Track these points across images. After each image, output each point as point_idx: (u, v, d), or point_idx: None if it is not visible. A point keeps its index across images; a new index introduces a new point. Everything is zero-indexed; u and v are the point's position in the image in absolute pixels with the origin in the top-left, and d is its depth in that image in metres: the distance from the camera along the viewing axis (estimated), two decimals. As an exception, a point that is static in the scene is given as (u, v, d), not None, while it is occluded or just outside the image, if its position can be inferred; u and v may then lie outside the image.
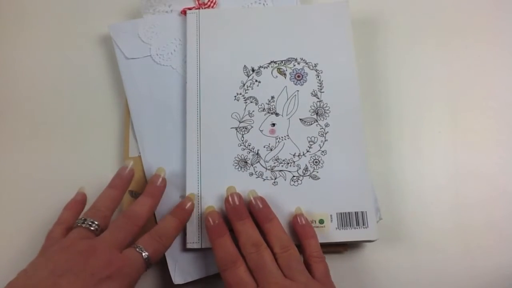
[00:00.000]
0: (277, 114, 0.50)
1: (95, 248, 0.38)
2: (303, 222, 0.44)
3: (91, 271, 0.36)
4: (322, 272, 0.41)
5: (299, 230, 0.44)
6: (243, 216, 0.43)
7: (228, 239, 0.42)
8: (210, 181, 0.48)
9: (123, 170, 0.46)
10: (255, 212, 0.44)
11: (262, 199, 0.45)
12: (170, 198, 0.48)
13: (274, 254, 0.41)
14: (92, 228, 0.41)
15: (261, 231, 0.43)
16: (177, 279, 0.46)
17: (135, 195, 0.49)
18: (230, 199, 0.44)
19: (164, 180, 0.46)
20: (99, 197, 0.44)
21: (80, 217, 0.42)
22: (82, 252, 0.37)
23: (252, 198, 0.44)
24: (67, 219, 0.43)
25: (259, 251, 0.41)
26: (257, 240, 0.42)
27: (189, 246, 0.46)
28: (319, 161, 0.48)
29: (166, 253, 0.46)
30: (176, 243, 0.47)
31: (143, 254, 0.40)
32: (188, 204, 0.45)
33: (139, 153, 0.51)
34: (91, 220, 0.41)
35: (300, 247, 0.43)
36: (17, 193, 0.52)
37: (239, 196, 0.45)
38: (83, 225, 0.41)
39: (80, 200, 0.45)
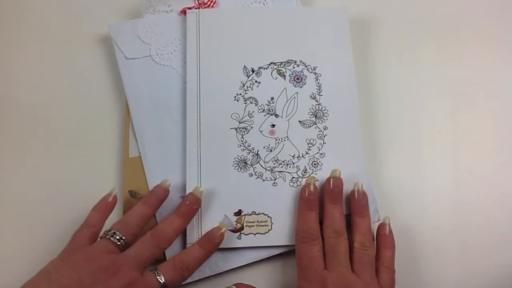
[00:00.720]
0: (276, 115, 0.50)
1: (119, 267, 0.38)
2: (387, 232, 0.45)
3: None
4: (388, 283, 0.42)
5: (381, 238, 0.45)
6: (337, 201, 0.44)
7: (315, 215, 0.44)
8: (210, 182, 0.48)
9: (159, 189, 0.45)
10: (353, 203, 0.45)
11: (364, 194, 0.45)
12: (170, 199, 0.48)
13: (352, 248, 0.43)
14: (118, 243, 0.41)
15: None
16: (177, 279, 0.46)
17: (135, 195, 0.49)
18: (332, 181, 0.45)
19: (199, 201, 0.45)
20: (131, 211, 0.44)
21: (110, 229, 0.42)
22: (106, 269, 0.38)
23: (356, 189, 0.45)
24: (95, 223, 0.43)
25: (339, 239, 0.42)
26: (341, 228, 0.43)
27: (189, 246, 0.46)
28: (318, 163, 0.48)
29: (166, 253, 0.47)
30: (176, 243, 0.47)
31: (161, 281, 0.40)
32: (218, 235, 0.44)
33: (139, 153, 0.51)
34: (120, 235, 0.41)
35: (377, 255, 0.44)
36: (17, 190, 0.53)
37: (341, 182, 0.45)
38: (111, 239, 0.41)
39: (111, 203, 0.45)
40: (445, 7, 0.58)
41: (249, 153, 0.49)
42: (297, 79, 0.51)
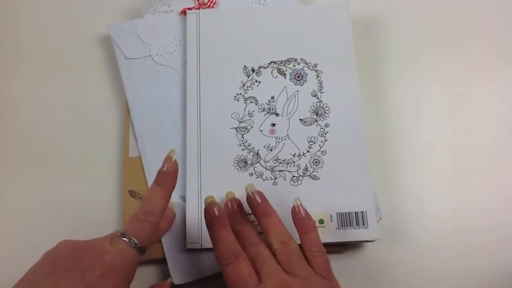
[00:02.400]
0: (277, 114, 0.50)
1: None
2: (303, 214, 0.42)
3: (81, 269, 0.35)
4: (323, 266, 0.40)
5: (298, 223, 0.42)
6: (241, 220, 0.43)
7: (229, 232, 0.40)
8: (210, 181, 0.48)
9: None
10: (253, 207, 0.42)
11: (260, 194, 0.43)
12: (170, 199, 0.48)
13: (273, 251, 0.40)
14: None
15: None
16: (177, 279, 0.46)
17: (135, 195, 0.49)
18: (229, 205, 0.43)
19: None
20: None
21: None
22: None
23: (250, 192, 0.42)
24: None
25: (259, 249, 0.40)
26: (257, 241, 0.41)
27: (189, 246, 0.46)
28: (319, 161, 0.48)
29: (166, 253, 0.46)
30: (176, 243, 0.47)
31: (133, 242, 0.37)
32: (168, 166, 0.40)
33: (139, 153, 0.51)
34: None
35: (301, 241, 0.41)
36: (17, 189, 0.52)
37: (237, 200, 0.44)
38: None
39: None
40: (445, 7, 0.58)
41: (249, 152, 0.49)
42: (298, 77, 0.51)
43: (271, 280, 0.38)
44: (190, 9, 0.54)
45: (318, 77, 0.51)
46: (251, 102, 0.50)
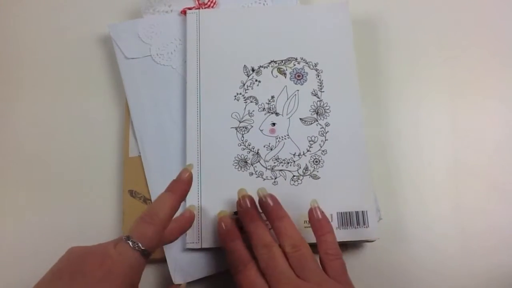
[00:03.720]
0: (277, 114, 0.50)
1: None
2: (319, 216, 0.42)
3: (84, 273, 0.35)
4: (338, 270, 0.39)
5: (314, 225, 0.41)
6: (254, 218, 0.42)
7: (239, 242, 0.42)
8: (210, 181, 0.48)
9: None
10: (266, 210, 0.42)
11: (272, 197, 0.42)
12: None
13: (285, 254, 0.39)
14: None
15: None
16: (177, 279, 0.46)
17: (135, 195, 0.49)
18: (241, 202, 0.43)
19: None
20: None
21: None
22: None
23: (262, 196, 0.42)
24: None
25: (271, 251, 0.39)
26: (269, 241, 0.40)
27: (188, 246, 0.46)
28: (319, 161, 0.48)
29: (166, 253, 0.46)
30: (176, 243, 0.47)
31: (136, 245, 0.36)
32: (186, 175, 0.42)
33: (139, 153, 0.51)
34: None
35: (316, 243, 0.41)
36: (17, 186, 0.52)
37: (251, 198, 0.43)
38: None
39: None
40: (445, 7, 0.59)
41: (249, 152, 0.49)
42: (298, 76, 0.51)
43: (281, 285, 0.37)
44: (190, 9, 0.54)
45: (318, 77, 0.51)
46: (251, 102, 0.50)
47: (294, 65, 0.51)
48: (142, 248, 0.37)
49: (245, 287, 0.39)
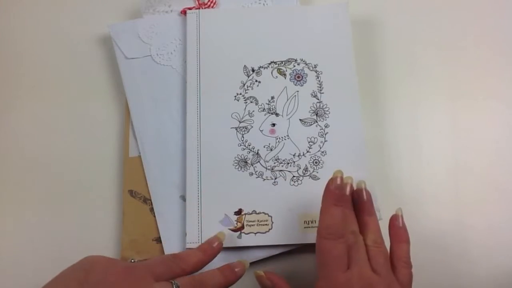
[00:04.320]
0: (277, 114, 0.50)
1: (134, 271, 0.37)
2: (401, 224, 0.42)
3: None
4: (406, 279, 0.40)
5: (394, 231, 0.42)
6: (348, 205, 0.41)
7: (342, 211, 0.40)
8: (210, 181, 0.48)
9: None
10: (361, 202, 0.42)
11: (369, 193, 0.42)
12: (170, 198, 0.48)
13: (366, 246, 0.40)
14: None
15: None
16: (177, 279, 0.46)
17: (135, 195, 0.49)
18: (342, 184, 0.41)
19: (220, 240, 0.44)
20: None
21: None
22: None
23: (362, 188, 0.42)
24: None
25: (357, 238, 0.40)
26: (357, 229, 0.41)
27: (189, 246, 0.46)
28: (319, 162, 0.48)
29: (166, 253, 0.46)
30: (177, 243, 0.47)
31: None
32: (239, 268, 0.42)
33: (139, 153, 0.51)
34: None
35: (390, 249, 0.41)
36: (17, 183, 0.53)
37: (351, 185, 0.42)
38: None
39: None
40: (445, 7, 0.58)
41: (249, 152, 0.49)
42: (298, 77, 0.51)
43: (357, 270, 0.38)
44: (190, 9, 0.54)
45: (318, 78, 0.51)
46: (251, 102, 0.50)
47: (294, 66, 0.51)
48: None
49: (329, 256, 0.38)
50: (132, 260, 0.45)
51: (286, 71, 0.51)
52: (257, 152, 0.49)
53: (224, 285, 0.41)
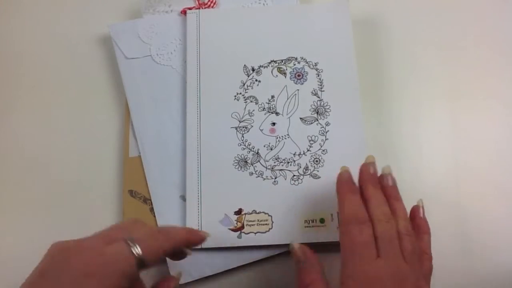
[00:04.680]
0: (277, 114, 0.50)
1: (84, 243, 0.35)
2: (421, 215, 0.42)
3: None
4: (429, 272, 0.39)
5: (417, 221, 0.41)
6: (377, 186, 0.40)
7: (360, 199, 0.39)
8: (210, 181, 0.48)
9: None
10: (387, 187, 0.41)
11: (394, 179, 0.41)
12: (170, 198, 0.48)
13: (398, 233, 0.37)
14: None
15: None
16: (177, 279, 0.46)
17: (135, 195, 0.49)
18: (370, 166, 0.41)
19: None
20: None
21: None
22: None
23: (387, 173, 0.41)
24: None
25: (390, 221, 0.37)
26: (388, 212, 0.38)
27: (189, 245, 0.46)
28: (320, 160, 0.48)
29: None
30: (176, 243, 0.47)
31: (134, 250, 0.33)
32: (202, 233, 0.41)
33: (139, 153, 0.51)
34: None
35: None
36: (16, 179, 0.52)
37: (376, 167, 0.41)
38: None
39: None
40: (445, 7, 0.58)
41: (249, 152, 0.49)
42: (298, 76, 0.51)
43: (389, 261, 0.35)
44: (190, 9, 0.54)
45: (318, 76, 0.51)
46: (251, 102, 0.50)
47: (294, 64, 0.51)
48: (141, 255, 0.33)
49: (355, 244, 0.36)
50: None
51: (286, 69, 0.51)
52: (257, 152, 0.49)
53: (186, 239, 0.39)
